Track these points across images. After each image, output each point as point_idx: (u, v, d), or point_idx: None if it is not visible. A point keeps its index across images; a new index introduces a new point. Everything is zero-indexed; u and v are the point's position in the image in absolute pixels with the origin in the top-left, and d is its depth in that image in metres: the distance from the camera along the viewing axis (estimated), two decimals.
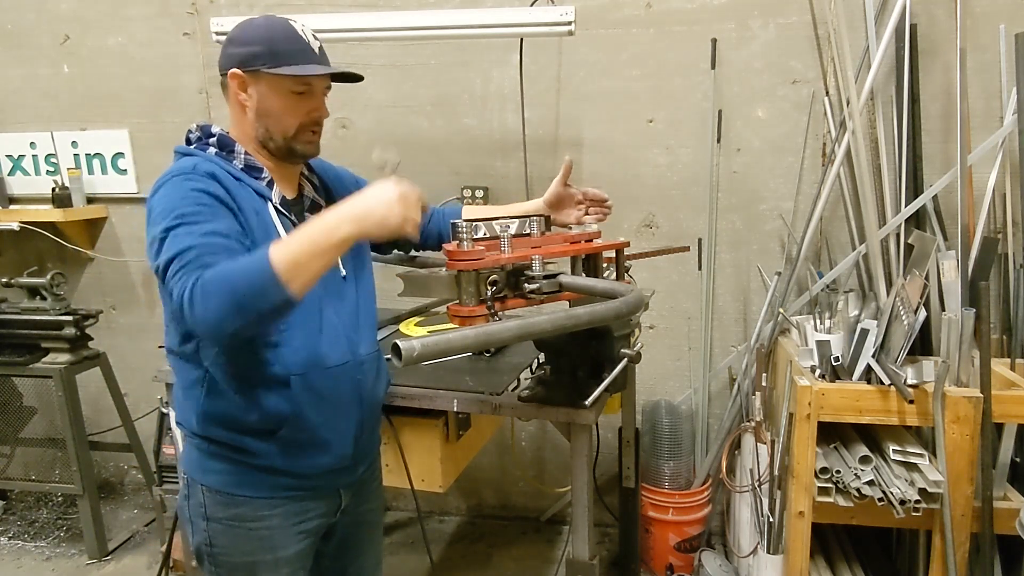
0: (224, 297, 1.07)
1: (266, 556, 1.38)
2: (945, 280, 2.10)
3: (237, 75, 1.28)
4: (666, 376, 2.79)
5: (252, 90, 1.30)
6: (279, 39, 1.28)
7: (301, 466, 1.36)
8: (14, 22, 3.02)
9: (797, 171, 2.49)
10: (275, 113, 1.30)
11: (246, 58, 1.28)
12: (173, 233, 1.15)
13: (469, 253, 1.29)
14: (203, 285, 1.07)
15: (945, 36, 2.30)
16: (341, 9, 2.72)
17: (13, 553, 2.92)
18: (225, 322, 1.08)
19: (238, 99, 1.31)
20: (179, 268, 1.12)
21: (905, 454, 1.92)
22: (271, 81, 1.28)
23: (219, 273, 1.08)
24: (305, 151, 1.36)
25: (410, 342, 0.96)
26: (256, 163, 1.34)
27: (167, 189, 1.23)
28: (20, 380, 2.82)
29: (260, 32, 1.29)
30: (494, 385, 1.73)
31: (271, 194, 1.33)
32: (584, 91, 2.63)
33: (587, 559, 1.64)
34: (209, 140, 1.34)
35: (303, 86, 1.31)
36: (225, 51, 1.32)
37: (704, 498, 2.59)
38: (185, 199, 1.19)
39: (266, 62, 1.26)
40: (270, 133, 1.32)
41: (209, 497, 1.36)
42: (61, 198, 2.97)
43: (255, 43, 1.28)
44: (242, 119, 1.33)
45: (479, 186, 2.73)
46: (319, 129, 1.37)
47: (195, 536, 1.41)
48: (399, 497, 3.16)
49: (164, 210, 1.19)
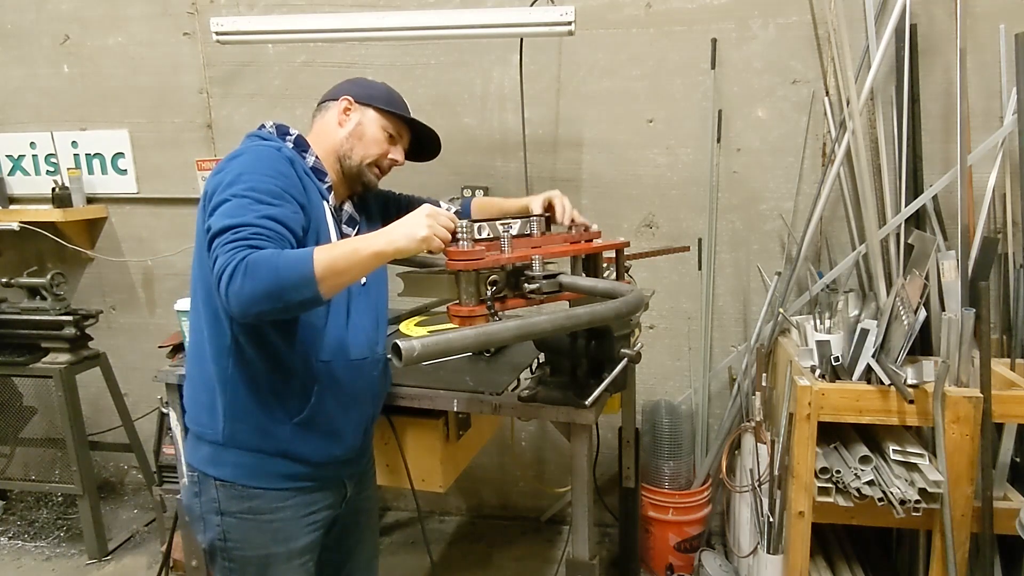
0: (263, 281, 1.13)
1: (279, 548, 1.42)
2: (945, 280, 2.10)
3: (348, 100, 1.49)
4: (666, 376, 2.79)
5: (356, 115, 1.50)
6: (394, 97, 1.55)
7: (315, 454, 1.42)
8: (14, 22, 3.02)
9: (797, 171, 2.49)
10: (366, 139, 1.49)
11: (362, 96, 1.51)
12: (238, 202, 1.22)
13: (469, 253, 1.29)
14: (248, 264, 1.13)
15: (945, 36, 2.30)
16: (341, 9, 2.72)
17: (13, 553, 2.92)
18: (256, 304, 1.14)
19: (338, 117, 1.49)
20: (230, 241, 1.17)
21: (905, 454, 1.92)
22: (378, 115, 1.51)
23: (265, 258, 1.15)
24: (369, 181, 1.53)
25: (410, 342, 0.96)
26: (322, 167, 1.46)
27: (251, 157, 1.32)
28: (20, 380, 2.82)
29: (382, 87, 1.55)
30: (494, 385, 1.73)
31: (329, 197, 1.45)
32: (584, 91, 2.63)
33: (587, 559, 1.64)
34: (286, 137, 1.45)
35: (397, 133, 1.54)
36: (341, 86, 1.54)
37: (704, 498, 2.59)
38: (263, 174, 1.28)
39: (380, 101, 1.51)
40: (352, 152, 1.48)
41: (223, 491, 1.40)
42: (61, 198, 2.97)
43: (375, 90, 1.53)
44: (331, 132, 1.49)
45: (479, 186, 2.73)
46: (386, 171, 1.56)
47: (207, 533, 1.43)
48: (399, 497, 3.16)
49: (240, 174, 1.26)
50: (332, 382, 1.41)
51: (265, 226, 1.20)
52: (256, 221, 1.20)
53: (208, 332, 1.38)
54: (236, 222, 1.19)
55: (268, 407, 1.37)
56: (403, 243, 1.21)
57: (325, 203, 1.44)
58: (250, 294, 1.13)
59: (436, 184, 2.77)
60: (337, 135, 1.48)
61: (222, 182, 1.26)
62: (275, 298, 1.15)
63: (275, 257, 1.15)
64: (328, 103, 1.52)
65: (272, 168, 1.31)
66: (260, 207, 1.22)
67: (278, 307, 1.16)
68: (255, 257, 1.14)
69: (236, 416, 1.37)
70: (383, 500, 3.19)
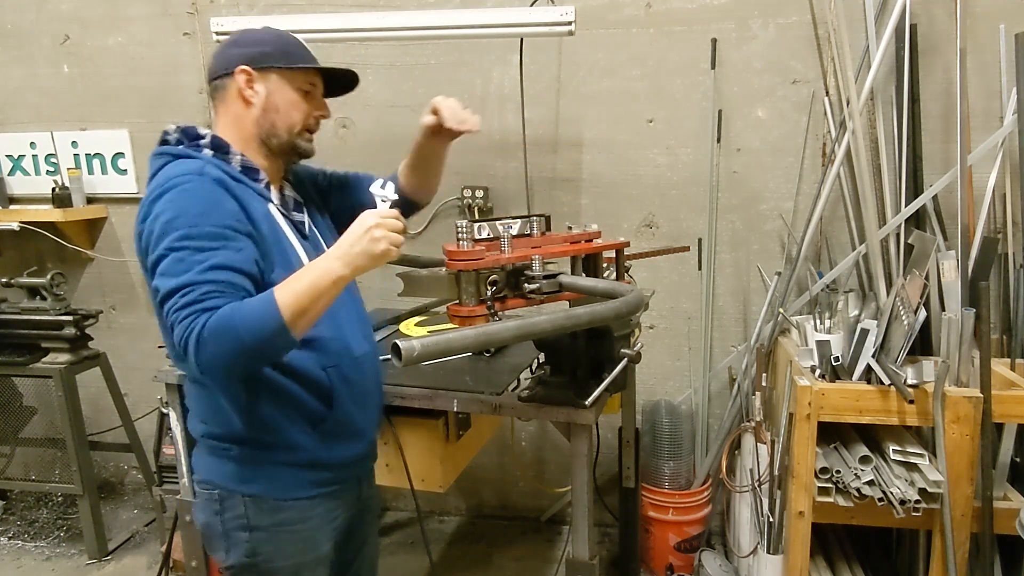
0: (232, 346, 1.09)
1: (309, 556, 1.40)
2: (945, 280, 2.10)
3: (246, 71, 1.30)
4: (666, 376, 2.79)
5: (260, 86, 1.32)
6: (289, 42, 1.36)
7: (340, 456, 1.41)
8: (14, 22, 3.02)
9: (797, 171, 2.49)
10: (283, 108, 1.33)
11: (256, 56, 1.31)
12: (177, 257, 1.14)
13: (469, 253, 1.29)
14: (211, 332, 1.09)
15: (945, 36, 2.30)
16: (341, 9, 2.72)
17: (13, 553, 2.92)
18: (232, 369, 1.13)
19: (243, 95, 1.32)
20: (183, 306, 1.11)
21: (905, 454, 1.92)
22: (283, 76, 1.33)
23: (226, 321, 1.09)
24: (306, 148, 1.40)
25: (410, 342, 0.96)
26: (252, 164, 1.34)
27: (177, 196, 1.18)
28: (20, 380, 2.82)
29: (269, 35, 1.36)
30: (494, 385, 1.73)
31: (270, 195, 1.36)
32: (584, 91, 2.63)
33: (587, 559, 1.64)
34: (199, 142, 1.31)
35: (310, 85, 1.37)
36: (227, 52, 1.34)
37: (704, 498, 2.59)
38: (196, 216, 1.16)
39: (279, 60, 1.32)
40: (276, 129, 1.34)
41: (253, 507, 1.35)
42: (61, 198, 2.97)
43: (265, 44, 1.33)
44: (243, 116, 1.33)
45: (479, 186, 2.73)
46: (316, 130, 1.42)
47: (233, 551, 1.37)
48: (399, 497, 3.16)
49: (172, 222, 1.16)
50: (345, 384, 1.38)
51: (212, 279, 1.12)
52: (201, 278, 1.12)
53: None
54: (183, 282, 1.11)
55: (288, 422, 1.33)
56: (363, 262, 1.16)
57: (270, 205, 1.33)
58: (223, 362, 1.10)
59: None
60: (250, 116, 1.33)
61: (152, 233, 1.17)
62: (248, 357, 1.12)
63: (235, 316, 1.10)
64: (222, 80, 1.33)
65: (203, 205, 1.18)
66: (200, 256, 1.13)
67: (256, 363, 1.15)
68: (213, 323, 1.09)
69: (259, 436, 1.33)
70: (383, 500, 3.19)
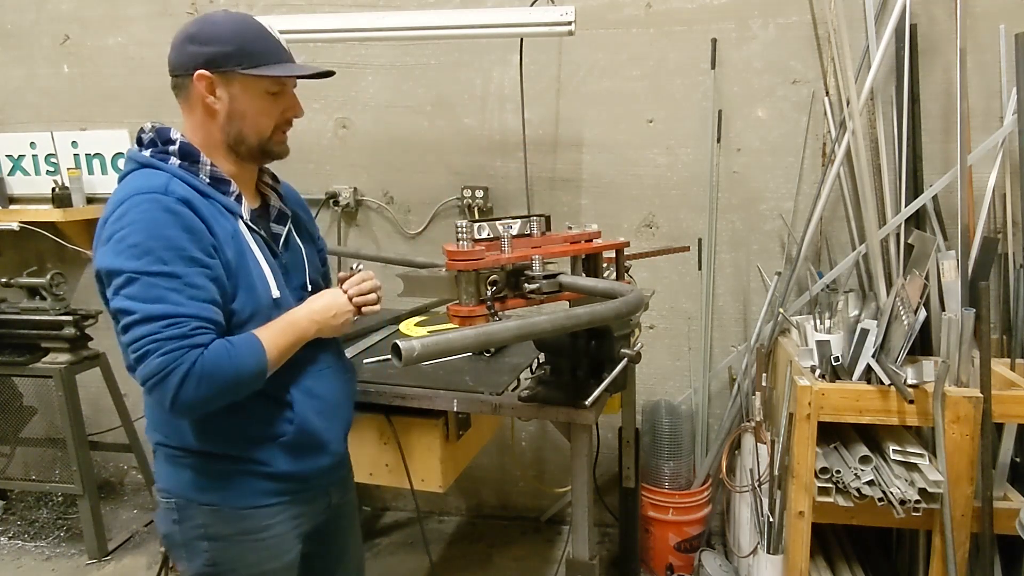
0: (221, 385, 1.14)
1: (273, 564, 1.37)
2: (945, 280, 2.10)
3: (205, 76, 1.20)
4: (666, 376, 2.78)
5: (222, 92, 1.23)
6: (250, 38, 1.22)
7: (302, 469, 1.36)
8: (14, 22, 3.02)
9: (797, 171, 2.49)
10: (250, 115, 1.25)
11: (215, 58, 1.20)
12: (150, 282, 1.10)
13: (469, 253, 1.29)
14: (203, 370, 1.11)
15: (945, 36, 2.30)
16: (341, 9, 2.72)
17: (13, 553, 2.92)
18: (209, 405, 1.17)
19: (204, 102, 1.23)
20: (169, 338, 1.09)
21: (905, 454, 1.92)
22: (246, 82, 1.22)
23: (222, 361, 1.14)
24: (280, 151, 1.32)
25: (410, 342, 0.95)
26: (222, 175, 1.26)
27: (139, 216, 1.13)
28: (20, 380, 2.82)
29: (228, 30, 1.22)
30: (494, 385, 1.73)
31: (240, 209, 1.28)
32: (584, 91, 2.63)
33: (587, 559, 1.64)
34: (168, 148, 1.24)
35: (279, 86, 1.27)
36: (185, 49, 1.22)
37: (704, 498, 2.59)
38: (161, 239, 1.12)
39: (240, 62, 1.20)
40: (243, 136, 1.26)
41: (211, 516, 1.31)
42: (61, 198, 2.97)
43: (224, 42, 1.20)
44: (208, 123, 1.25)
45: (479, 186, 2.73)
46: (289, 128, 1.34)
47: (193, 561, 1.34)
48: (399, 497, 3.16)
49: (136, 245, 1.11)
50: (309, 397, 1.34)
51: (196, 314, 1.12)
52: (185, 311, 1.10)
53: None
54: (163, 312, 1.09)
55: (247, 436, 1.29)
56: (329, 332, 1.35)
57: (239, 220, 1.26)
58: (205, 399, 1.13)
59: (436, 184, 2.78)
60: (215, 124, 1.25)
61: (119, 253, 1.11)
62: (230, 395, 1.17)
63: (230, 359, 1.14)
64: (182, 79, 1.24)
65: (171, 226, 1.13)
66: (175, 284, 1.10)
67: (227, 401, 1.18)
68: (208, 362, 1.11)
69: (218, 445, 1.28)
70: (382, 500, 3.19)
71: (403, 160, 2.82)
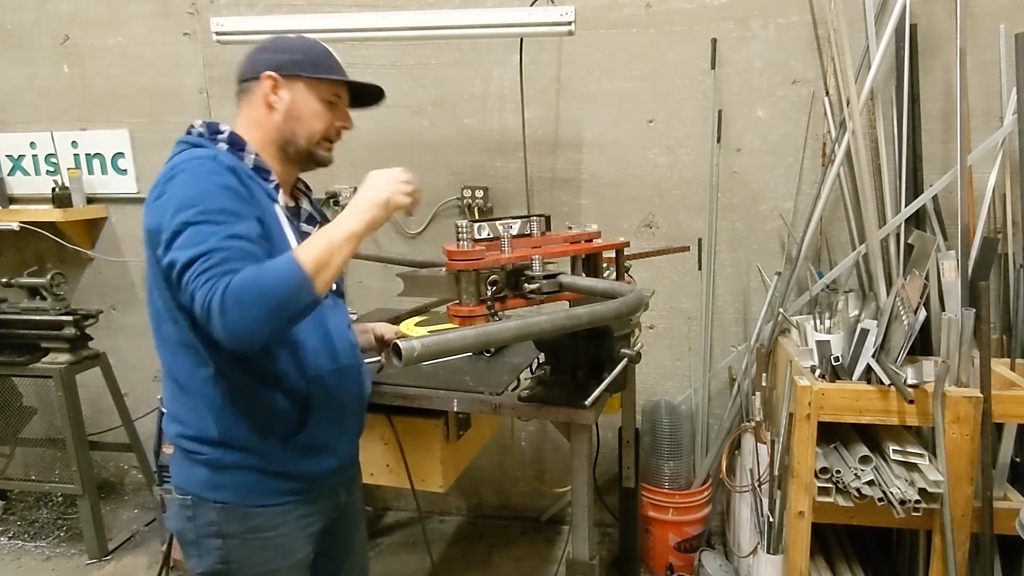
0: (257, 304, 1.08)
1: (283, 563, 1.39)
2: (945, 280, 2.10)
3: (272, 77, 1.33)
4: (666, 376, 2.79)
5: (285, 93, 1.34)
6: (317, 52, 1.37)
7: (312, 469, 1.38)
8: (14, 22, 3.02)
9: (797, 171, 2.49)
10: (306, 117, 1.36)
11: (284, 64, 1.34)
12: (195, 229, 1.13)
13: (469, 253, 1.29)
14: (234, 293, 1.07)
15: (945, 36, 2.30)
16: (341, 9, 2.72)
17: (13, 553, 2.92)
18: (258, 330, 1.09)
19: (267, 100, 1.34)
20: (202, 271, 1.10)
21: (905, 454, 1.92)
22: (309, 86, 1.35)
23: (249, 280, 1.08)
24: (324, 158, 1.42)
25: (410, 342, 0.95)
26: (265, 165, 1.35)
27: (189, 177, 1.20)
28: (20, 380, 2.82)
29: (299, 44, 1.38)
30: (494, 385, 1.73)
31: (278, 196, 1.35)
32: (584, 91, 2.63)
33: (587, 559, 1.64)
34: (217, 136, 1.33)
35: (335, 96, 1.39)
36: (256, 56, 1.37)
37: (704, 498, 2.59)
38: (210, 193, 1.18)
39: (306, 68, 1.34)
40: (295, 136, 1.36)
41: (223, 513, 1.33)
42: (61, 198, 2.97)
43: (294, 52, 1.35)
44: (265, 120, 1.35)
45: (479, 186, 2.73)
46: (337, 140, 1.44)
47: (204, 558, 1.36)
48: (399, 497, 3.16)
49: (186, 200, 1.16)
50: (324, 395, 1.36)
51: (234, 246, 1.13)
52: (223, 244, 1.12)
53: (186, 363, 1.30)
54: (202, 250, 1.11)
55: (264, 429, 1.32)
56: (373, 212, 1.20)
57: (276, 205, 1.34)
58: (249, 323, 1.08)
59: (436, 184, 2.78)
60: (272, 121, 1.35)
61: (168, 210, 1.16)
62: (273, 316, 1.09)
63: (258, 274, 1.09)
64: (249, 83, 1.36)
65: (217, 184, 1.20)
66: (221, 228, 1.14)
67: (281, 323, 1.11)
68: (236, 284, 1.08)
69: (232, 441, 1.31)
70: (383, 500, 3.19)
71: (403, 160, 2.78)
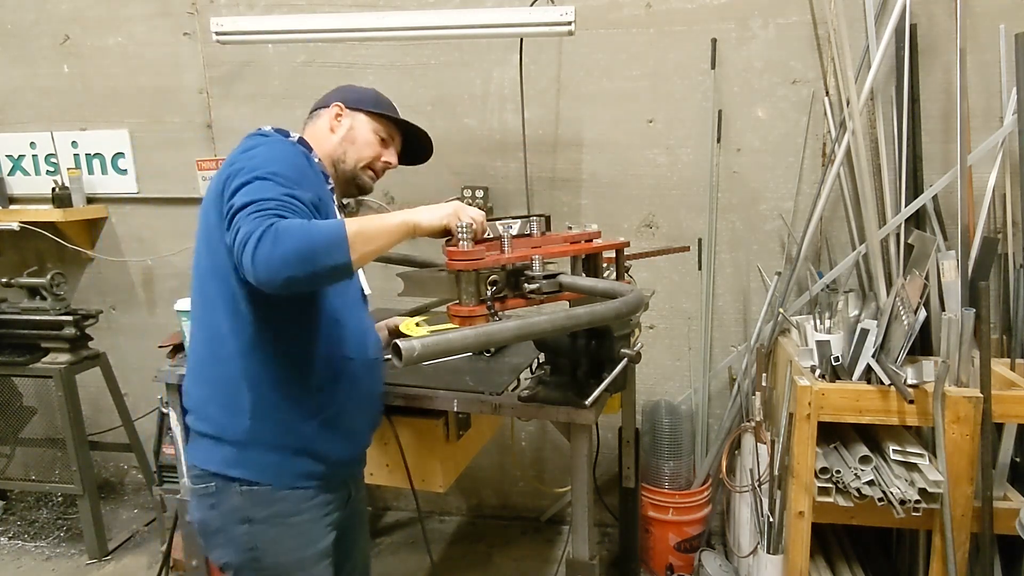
0: (294, 244, 1.12)
1: (309, 551, 1.42)
2: (945, 280, 2.10)
3: (339, 106, 1.54)
4: (666, 376, 2.79)
5: (347, 120, 1.55)
6: (383, 100, 1.60)
7: (335, 452, 1.44)
8: (14, 22, 3.02)
9: (797, 171, 2.49)
10: (359, 143, 1.54)
11: (352, 99, 1.56)
12: (262, 183, 1.23)
13: (469, 253, 1.29)
14: (276, 230, 1.12)
15: (945, 36, 2.30)
16: (341, 9, 2.72)
17: (13, 553, 2.92)
18: (286, 267, 1.12)
19: (330, 123, 1.54)
20: (254, 212, 1.17)
21: (905, 454, 1.92)
22: (367, 119, 1.56)
23: (294, 224, 1.15)
24: (365, 184, 1.58)
25: (410, 342, 0.95)
26: (324, 170, 1.50)
27: (269, 146, 1.35)
28: (20, 380, 2.82)
29: (371, 92, 1.62)
30: (494, 385, 1.73)
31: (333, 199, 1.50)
32: (584, 91, 2.63)
33: (587, 559, 1.63)
34: (289, 135, 1.48)
35: (388, 135, 1.59)
36: (332, 94, 1.59)
37: (704, 498, 2.59)
38: (285, 162, 1.31)
39: (368, 104, 1.57)
40: (346, 157, 1.54)
41: (247, 497, 1.36)
42: (61, 198, 2.97)
43: (364, 94, 1.59)
44: (324, 139, 1.53)
45: (479, 186, 2.73)
46: (380, 174, 1.61)
47: (231, 546, 1.38)
48: (399, 497, 3.16)
49: (263, 161, 1.28)
50: (352, 380, 1.44)
51: (290, 201, 1.21)
52: (283, 197, 1.21)
53: (228, 328, 1.35)
54: (261, 196, 1.19)
55: (295, 403, 1.37)
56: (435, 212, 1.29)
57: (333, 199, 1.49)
58: (281, 257, 1.11)
59: (436, 184, 2.78)
60: (330, 141, 1.53)
61: (241, 168, 1.26)
62: (307, 261, 1.12)
63: (304, 223, 1.16)
64: (319, 111, 1.57)
65: (291, 159, 1.34)
66: (285, 188, 1.23)
67: (308, 271, 1.13)
68: (284, 223, 1.14)
69: (262, 413, 1.36)
70: (383, 500, 3.19)
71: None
